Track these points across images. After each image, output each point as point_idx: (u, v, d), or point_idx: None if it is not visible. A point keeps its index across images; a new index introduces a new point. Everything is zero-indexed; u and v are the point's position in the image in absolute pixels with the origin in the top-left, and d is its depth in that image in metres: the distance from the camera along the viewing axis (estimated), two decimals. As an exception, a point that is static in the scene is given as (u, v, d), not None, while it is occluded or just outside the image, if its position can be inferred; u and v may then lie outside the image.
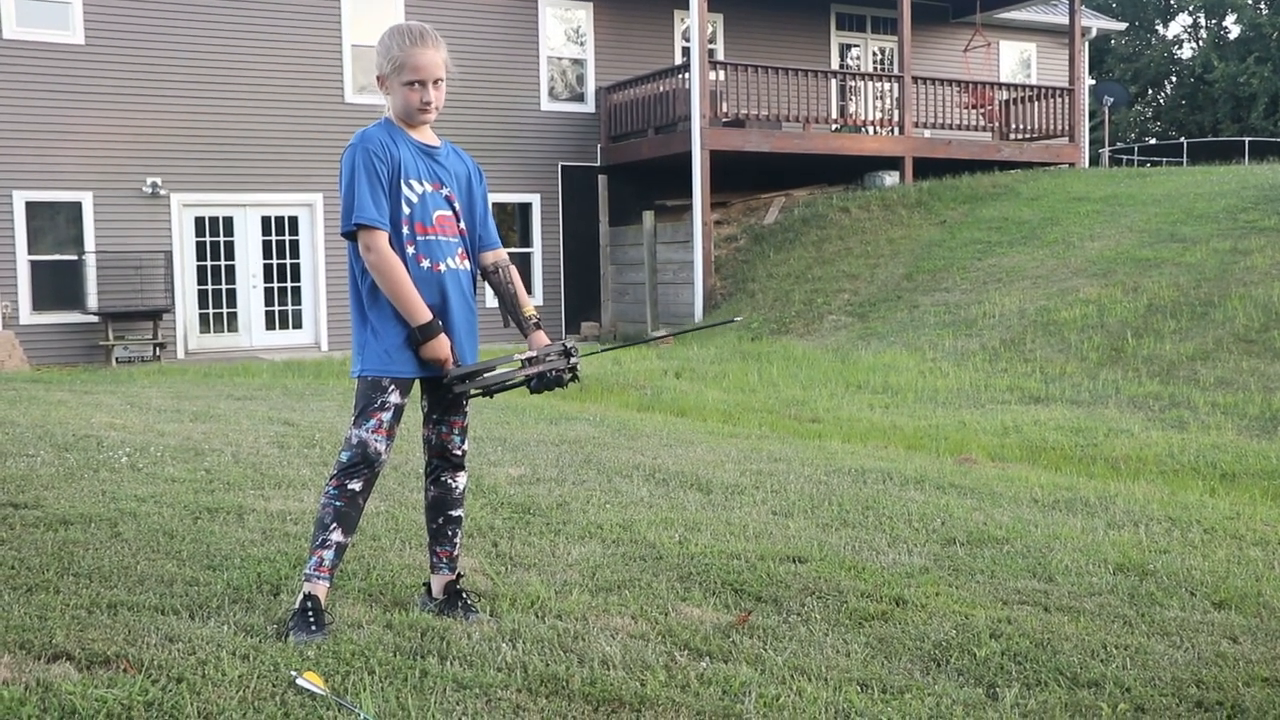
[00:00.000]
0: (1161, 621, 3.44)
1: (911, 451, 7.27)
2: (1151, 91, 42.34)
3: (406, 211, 3.12)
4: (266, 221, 16.39)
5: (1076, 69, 20.57)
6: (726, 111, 16.80)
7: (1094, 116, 28.92)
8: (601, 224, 18.70)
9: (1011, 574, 3.95)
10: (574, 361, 3.21)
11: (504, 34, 17.79)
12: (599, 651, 2.98)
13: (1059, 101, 20.01)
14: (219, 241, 16.15)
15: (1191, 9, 41.20)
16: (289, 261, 16.58)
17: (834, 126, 19.14)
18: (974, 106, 19.26)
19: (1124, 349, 10.54)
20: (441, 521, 3.34)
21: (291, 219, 16.55)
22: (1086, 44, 22.98)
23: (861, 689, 2.82)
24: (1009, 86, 20.27)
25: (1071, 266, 13.21)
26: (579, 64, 18.61)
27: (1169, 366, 9.93)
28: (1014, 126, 19.90)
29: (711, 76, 16.71)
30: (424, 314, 3.07)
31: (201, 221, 16.00)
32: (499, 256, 3.34)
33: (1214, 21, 40.88)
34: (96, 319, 14.94)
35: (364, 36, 16.54)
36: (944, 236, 15.61)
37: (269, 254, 16.43)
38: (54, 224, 15.11)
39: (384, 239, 3.06)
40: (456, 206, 3.23)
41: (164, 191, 15.52)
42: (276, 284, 16.54)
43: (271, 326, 16.57)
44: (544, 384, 3.20)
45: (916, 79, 18.42)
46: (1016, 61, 23.36)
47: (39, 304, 14.94)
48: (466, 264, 3.26)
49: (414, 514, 4.52)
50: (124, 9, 15.21)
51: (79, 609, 3.17)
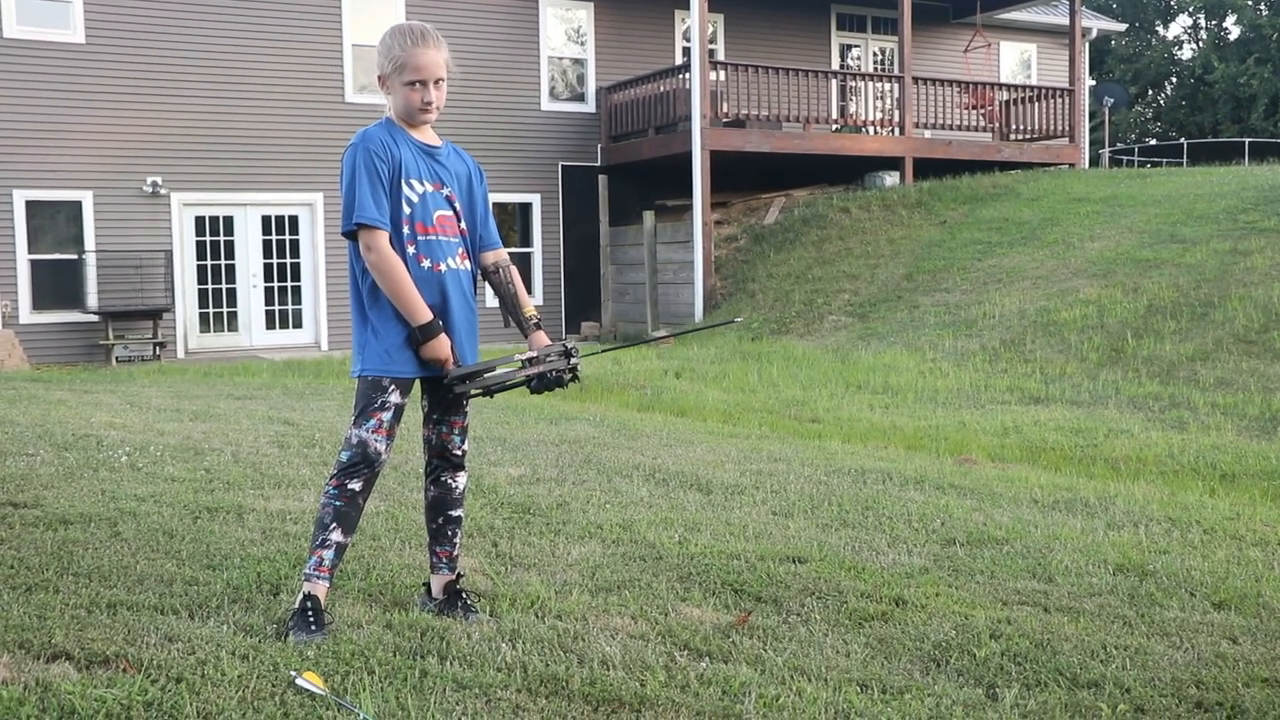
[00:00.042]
0: (1161, 622, 3.44)
1: (911, 452, 7.27)
2: (1152, 92, 42.35)
3: (407, 211, 3.12)
4: (267, 221, 16.39)
5: (1077, 70, 20.57)
6: (727, 111, 16.80)
7: (1094, 117, 28.90)
8: (602, 224, 18.69)
9: (1011, 574, 3.95)
10: (574, 362, 3.21)
11: (505, 34, 17.79)
12: (599, 652, 2.98)
13: (1059, 102, 20.01)
14: (219, 241, 16.15)
15: (1191, 10, 41.20)
16: (289, 261, 16.58)
17: (834, 127, 19.14)
18: (974, 107, 19.26)
19: (1124, 349, 10.54)
20: (441, 521, 3.34)
21: (292, 218, 16.55)
22: (1087, 45, 22.98)
23: (861, 689, 2.82)
24: (1009, 87, 20.27)
25: (1071, 267, 13.21)
26: (579, 64, 18.61)
27: (1169, 367, 9.94)
28: (1014, 127, 19.90)
29: (712, 76, 16.71)
30: (424, 314, 3.07)
31: (202, 221, 16.00)
32: (499, 256, 3.34)
33: (1214, 22, 40.88)
34: (96, 318, 14.94)
35: (365, 36, 16.54)
36: (944, 237, 15.60)
37: (269, 253, 16.43)
38: (54, 223, 15.11)
39: (384, 238, 3.06)
40: (457, 206, 3.24)
41: (164, 191, 15.52)
42: (277, 283, 16.54)
43: (271, 326, 16.57)
44: (544, 384, 3.20)
45: (917, 79, 18.42)
46: (1017, 62, 23.37)
47: (39, 303, 14.94)
48: (467, 264, 3.26)
49: (414, 514, 4.52)
50: (125, 8, 15.21)
51: (78, 608, 3.17)
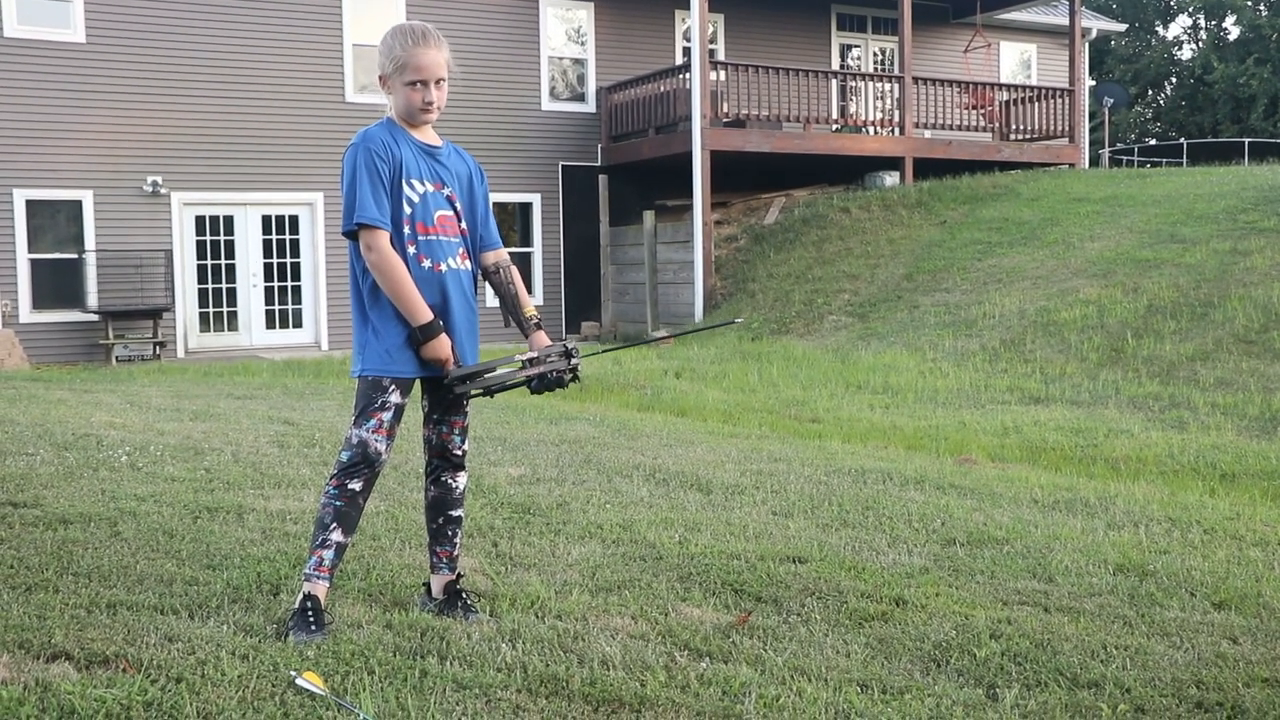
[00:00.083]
0: (1161, 622, 3.44)
1: (911, 452, 7.27)
2: (1151, 92, 42.34)
3: (408, 211, 3.12)
4: (267, 220, 16.39)
5: (1076, 70, 20.57)
6: (727, 111, 16.80)
7: (1094, 117, 28.90)
8: (602, 224, 18.69)
9: (1011, 574, 3.95)
10: (575, 362, 3.21)
11: (505, 34, 17.79)
12: (599, 652, 2.97)
13: (1059, 102, 20.01)
14: (219, 240, 16.15)
15: (1191, 10, 41.19)
16: (289, 260, 16.58)
17: (834, 127, 19.14)
18: (974, 107, 19.26)
19: (1124, 349, 10.54)
20: (441, 521, 3.34)
21: (292, 218, 16.55)
22: (1086, 45, 22.99)
23: (861, 689, 2.82)
24: (1009, 87, 20.27)
25: (1071, 267, 13.21)
26: (580, 64, 18.61)
27: (1169, 367, 9.94)
28: (1014, 127, 19.90)
29: (712, 76, 16.71)
30: (425, 314, 3.07)
31: (202, 220, 16.00)
32: (500, 257, 3.34)
33: (1214, 23, 40.87)
34: (96, 318, 14.94)
35: (365, 36, 16.54)
36: (944, 237, 15.60)
37: (269, 253, 16.43)
38: (54, 222, 15.11)
39: (385, 238, 3.06)
40: (458, 206, 3.23)
41: (164, 190, 15.52)
42: (277, 283, 16.54)
43: (271, 325, 16.57)
44: (545, 385, 3.20)
45: (917, 79, 18.42)
46: (1017, 62, 23.37)
47: (39, 302, 14.94)
48: (467, 264, 3.26)
49: (414, 514, 4.52)
50: (126, 8, 15.21)
51: (78, 608, 3.17)
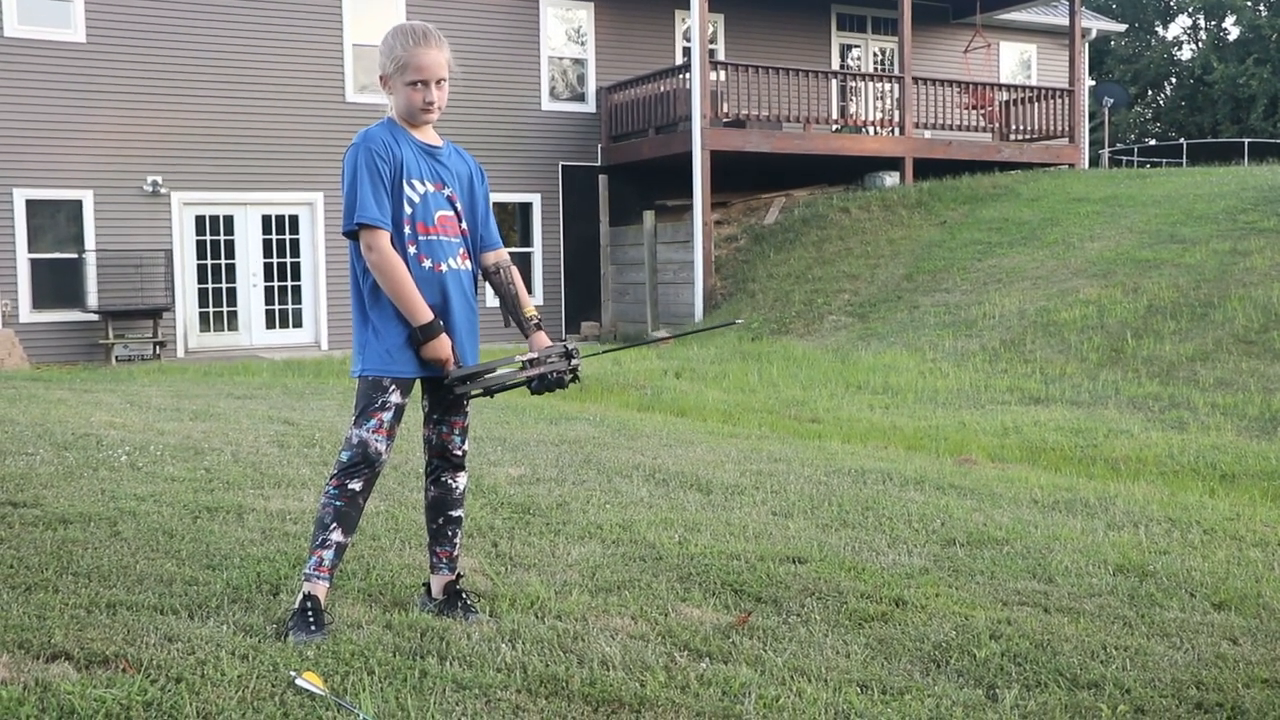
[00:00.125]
0: (1161, 623, 3.44)
1: (911, 452, 7.27)
2: (1151, 93, 42.34)
3: (408, 211, 3.12)
4: (267, 220, 16.39)
5: (1076, 70, 20.57)
6: (727, 112, 16.80)
7: (1094, 117, 28.90)
8: (602, 224, 18.69)
9: (1011, 575, 3.95)
10: (575, 363, 3.21)
11: (505, 34, 17.79)
12: (599, 652, 2.97)
13: (1059, 102, 20.01)
14: (219, 240, 16.15)
15: (1191, 10, 41.20)
16: (289, 260, 16.58)
17: (834, 127, 19.14)
18: (974, 107, 19.26)
19: (1124, 350, 10.54)
20: (441, 522, 3.34)
21: (292, 218, 16.55)
22: (1086, 45, 22.99)
23: (861, 690, 2.82)
24: (1009, 87, 20.27)
25: (1071, 267, 13.21)
26: (580, 64, 18.61)
27: (1169, 367, 9.94)
28: (1014, 127, 19.90)
29: (712, 77, 16.71)
30: (425, 314, 3.07)
31: (202, 220, 16.00)
32: (500, 257, 3.34)
33: (1213, 23, 40.87)
34: (96, 317, 14.94)
35: (365, 36, 16.54)
36: (944, 237, 15.60)
37: (269, 253, 16.43)
38: (54, 222, 15.11)
39: (386, 238, 3.06)
40: (458, 206, 3.23)
41: (164, 190, 15.52)
42: (277, 283, 16.54)
43: (271, 325, 16.57)
44: (545, 385, 3.20)
45: (917, 79, 18.42)
46: (1017, 62, 23.37)
47: (39, 302, 14.94)
48: (468, 264, 3.26)
49: (414, 514, 4.52)
50: (126, 8, 15.21)
51: (78, 608, 3.17)
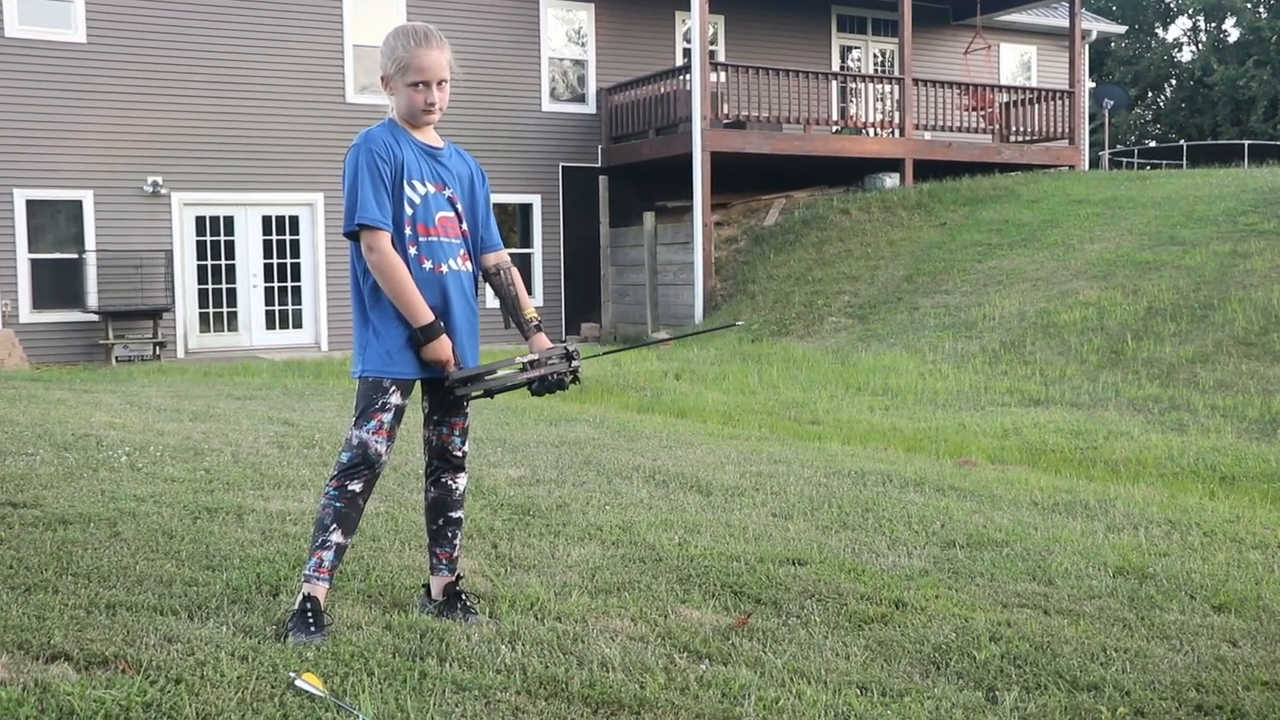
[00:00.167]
0: (1161, 625, 3.44)
1: (911, 454, 7.27)
2: (1151, 94, 42.34)
3: (409, 212, 3.12)
4: (267, 221, 16.39)
5: (1076, 72, 20.58)
6: (727, 113, 16.80)
7: (1094, 119, 28.90)
8: (602, 225, 18.69)
9: (1011, 577, 3.95)
10: (575, 364, 3.21)
11: (505, 35, 17.79)
12: (598, 654, 2.97)
13: (1059, 104, 20.02)
14: (219, 241, 16.15)
15: (1191, 12, 41.20)
16: (289, 261, 16.58)
17: (834, 128, 19.14)
18: (974, 109, 19.26)
19: (1124, 351, 10.54)
20: (441, 523, 3.34)
21: (292, 218, 16.55)
22: (1086, 47, 22.99)
23: (861, 692, 2.82)
24: (1009, 89, 20.27)
25: (1071, 269, 13.21)
26: (580, 65, 18.61)
27: (1169, 369, 9.94)
28: (1014, 129, 19.90)
29: (712, 78, 16.71)
30: (426, 315, 3.07)
31: (202, 221, 16.00)
32: (501, 258, 3.34)
33: (1213, 25, 40.88)
34: (96, 318, 14.94)
35: (366, 36, 16.54)
36: (944, 238, 15.60)
37: (269, 253, 16.43)
38: (54, 222, 15.11)
39: (386, 239, 3.06)
40: (459, 208, 3.23)
41: (165, 190, 15.52)
42: (277, 283, 16.54)
43: (271, 326, 16.57)
44: (545, 386, 3.19)
45: (917, 81, 18.42)
46: (1017, 64, 23.37)
47: (39, 302, 14.94)
48: (468, 265, 3.25)
49: (414, 515, 4.52)
50: (126, 8, 15.21)
51: (77, 609, 3.16)
